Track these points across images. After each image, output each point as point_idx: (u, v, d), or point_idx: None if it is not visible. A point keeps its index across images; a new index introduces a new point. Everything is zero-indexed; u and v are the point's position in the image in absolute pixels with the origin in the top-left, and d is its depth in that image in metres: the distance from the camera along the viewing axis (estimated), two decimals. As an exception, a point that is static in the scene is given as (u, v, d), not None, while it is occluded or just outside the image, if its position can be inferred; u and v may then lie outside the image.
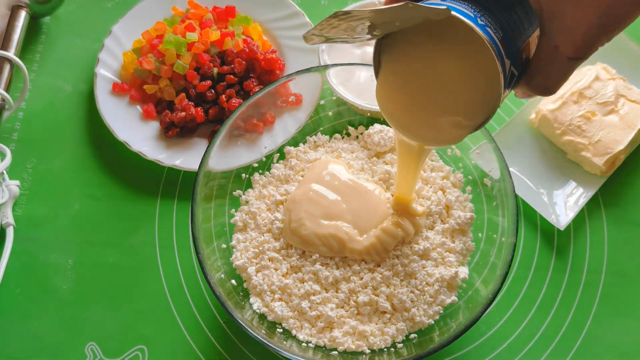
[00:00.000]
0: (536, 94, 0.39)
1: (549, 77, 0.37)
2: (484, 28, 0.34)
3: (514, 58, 0.35)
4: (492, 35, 0.34)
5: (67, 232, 0.62)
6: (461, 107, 0.39)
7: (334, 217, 0.55)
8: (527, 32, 0.36)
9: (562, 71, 0.37)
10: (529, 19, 0.36)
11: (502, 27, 0.34)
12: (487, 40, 0.33)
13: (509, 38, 0.35)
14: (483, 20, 0.34)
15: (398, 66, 0.40)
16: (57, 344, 0.57)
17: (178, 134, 0.64)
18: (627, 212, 0.63)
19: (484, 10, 0.34)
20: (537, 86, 0.38)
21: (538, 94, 0.39)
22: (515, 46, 0.35)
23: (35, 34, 0.73)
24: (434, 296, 0.53)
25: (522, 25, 0.36)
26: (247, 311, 0.53)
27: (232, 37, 0.67)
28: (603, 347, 0.58)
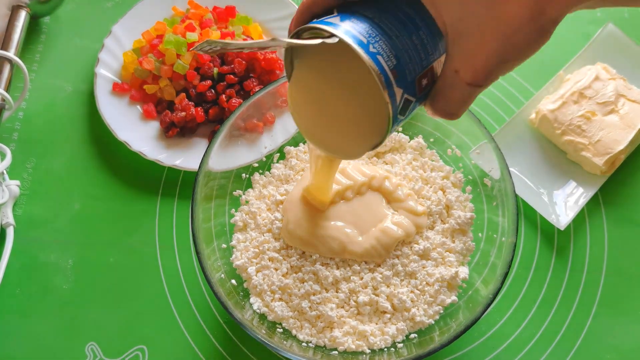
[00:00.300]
0: (439, 117, 0.38)
1: (450, 102, 0.37)
2: (374, 56, 0.33)
3: (408, 86, 0.35)
4: (382, 63, 0.33)
5: (67, 232, 0.62)
6: (356, 126, 0.39)
7: (333, 217, 0.55)
8: (431, 56, 0.36)
9: (462, 96, 0.36)
10: (434, 43, 0.35)
11: (397, 55, 0.34)
12: (374, 70, 0.33)
13: (403, 66, 0.34)
14: (376, 48, 0.33)
15: (305, 74, 0.40)
16: (57, 344, 0.57)
17: (178, 134, 0.64)
18: (627, 212, 0.63)
19: (382, 35, 0.34)
20: (439, 109, 0.37)
21: (441, 117, 0.38)
22: (412, 73, 0.35)
23: (35, 34, 0.73)
24: (434, 296, 0.53)
25: (423, 50, 0.35)
26: (247, 311, 0.53)
27: (232, 37, 0.67)
28: (603, 347, 0.58)
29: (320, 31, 0.34)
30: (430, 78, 0.36)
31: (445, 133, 0.60)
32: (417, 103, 0.37)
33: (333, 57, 0.37)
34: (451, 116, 0.38)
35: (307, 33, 0.36)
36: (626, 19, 0.73)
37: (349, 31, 0.34)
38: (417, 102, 0.37)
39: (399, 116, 0.36)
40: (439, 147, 0.61)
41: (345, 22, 0.34)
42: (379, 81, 0.33)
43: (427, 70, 0.36)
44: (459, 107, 0.37)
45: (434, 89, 0.37)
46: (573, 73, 0.66)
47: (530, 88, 0.69)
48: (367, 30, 0.34)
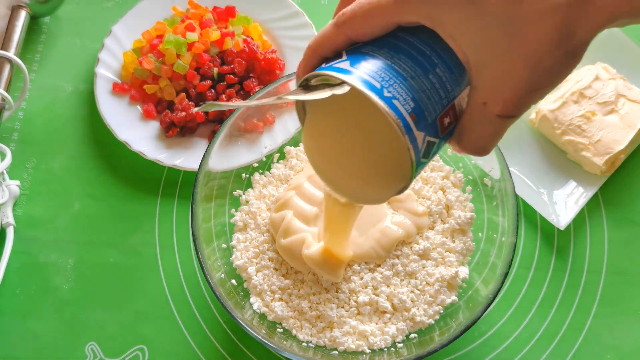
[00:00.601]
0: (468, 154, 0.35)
1: (479, 137, 0.34)
2: (389, 100, 0.31)
3: (429, 127, 0.32)
4: (399, 108, 0.31)
5: (67, 232, 0.62)
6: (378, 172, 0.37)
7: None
8: (451, 93, 0.33)
9: (492, 130, 0.33)
10: (454, 78, 0.33)
11: (415, 97, 0.32)
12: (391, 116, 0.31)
13: (422, 107, 0.32)
14: (391, 92, 0.31)
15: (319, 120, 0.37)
16: (57, 344, 0.57)
17: (178, 133, 0.64)
18: (627, 212, 0.63)
19: (396, 77, 0.32)
20: (468, 146, 0.35)
21: (470, 154, 0.35)
22: (432, 114, 0.32)
23: (35, 34, 0.73)
24: (434, 296, 0.53)
25: (443, 88, 0.33)
26: (247, 311, 0.53)
27: (232, 37, 0.67)
28: (603, 347, 0.58)
29: (330, 77, 0.32)
30: (453, 116, 0.34)
31: (445, 133, 0.60)
32: (442, 143, 0.34)
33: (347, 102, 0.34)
34: (481, 152, 0.35)
35: (316, 79, 0.33)
36: (626, 19, 0.73)
37: (360, 77, 0.31)
38: (440, 142, 0.34)
39: (423, 160, 0.33)
40: (439, 147, 0.61)
41: (356, 67, 0.32)
42: (397, 127, 0.31)
43: (449, 109, 0.33)
44: (490, 142, 0.34)
45: (460, 125, 0.34)
46: (573, 73, 0.66)
47: (530, 88, 0.69)
48: (379, 74, 0.32)
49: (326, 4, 0.75)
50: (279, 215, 0.55)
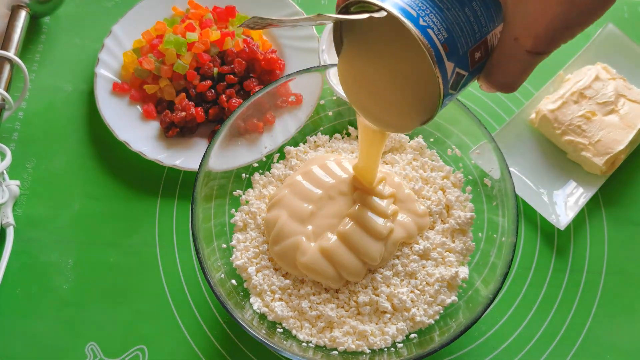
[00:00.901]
0: (496, 90, 0.37)
1: (507, 73, 0.35)
2: (424, 29, 0.33)
3: (460, 59, 0.34)
4: (433, 37, 0.33)
5: (67, 232, 0.62)
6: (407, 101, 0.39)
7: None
8: (485, 28, 0.35)
9: (521, 66, 0.35)
10: (489, 14, 0.34)
11: (448, 28, 0.33)
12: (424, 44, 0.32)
13: (455, 39, 0.33)
14: (426, 21, 0.33)
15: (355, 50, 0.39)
16: (57, 344, 0.57)
17: (178, 134, 0.64)
18: (627, 212, 0.63)
19: (432, 8, 0.33)
20: (496, 82, 0.36)
21: (498, 90, 0.37)
22: (464, 46, 0.34)
23: (35, 34, 0.73)
24: (434, 296, 0.53)
25: (477, 22, 0.34)
26: (247, 311, 0.53)
27: (232, 37, 0.67)
28: (603, 347, 0.58)
29: (368, 4, 0.34)
30: (484, 51, 0.35)
31: (445, 133, 0.60)
32: (470, 77, 0.36)
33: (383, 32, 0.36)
34: (508, 88, 0.36)
35: (355, 7, 0.35)
36: (626, 19, 0.73)
37: (397, 4, 0.33)
38: (469, 75, 0.36)
39: (451, 91, 0.35)
40: (439, 147, 0.61)
41: None
42: (429, 55, 0.33)
43: (481, 43, 0.35)
44: (518, 78, 0.35)
45: (490, 61, 0.35)
46: (573, 73, 0.66)
47: (530, 88, 0.69)
48: (416, 3, 0.33)
49: (326, 4, 0.75)
50: (271, 216, 0.55)
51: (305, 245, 0.53)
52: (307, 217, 0.54)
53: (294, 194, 0.56)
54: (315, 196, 0.55)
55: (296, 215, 0.54)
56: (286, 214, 0.55)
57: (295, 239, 0.53)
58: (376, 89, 0.40)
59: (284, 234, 0.54)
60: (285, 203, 0.55)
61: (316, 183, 0.56)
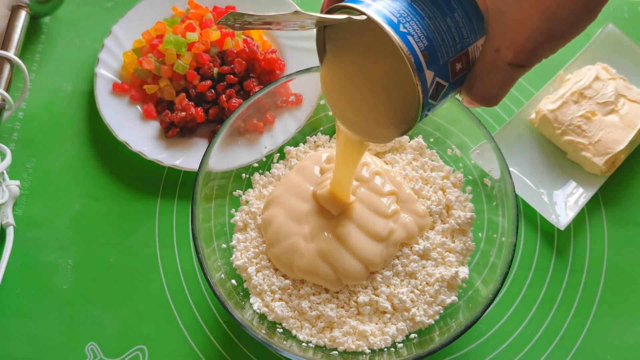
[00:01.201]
0: (477, 104, 0.36)
1: (488, 85, 0.34)
2: (404, 36, 0.32)
3: (440, 69, 0.34)
4: (413, 44, 0.32)
5: (67, 232, 0.62)
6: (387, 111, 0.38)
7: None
8: (466, 40, 0.34)
9: (502, 79, 0.34)
10: (471, 25, 0.34)
11: (429, 36, 0.33)
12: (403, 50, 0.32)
13: (435, 48, 0.33)
14: (406, 28, 0.33)
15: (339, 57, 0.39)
16: (57, 344, 0.57)
17: (178, 134, 0.64)
18: (627, 212, 0.63)
19: (413, 16, 0.33)
20: (476, 94, 0.35)
21: (478, 104, 0.36)
22: (444, 56, 0.34)
23: (35, 34, 0.73)
24: (434, 296, 0.53)
25: (458, 33, 0.34)
26: (247, 311, 0.53)
27: (232, 37, 0.67)
28: (603, 347, 0.58)
29: (351, 10, 0.34)
30: (465, 63, 0.35)
31: (445, 133, 0.60)
32: (451, 89, 0.36)
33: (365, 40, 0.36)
34: (489, 102, 0.35)
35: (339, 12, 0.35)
36: (626, 19, 0.73)
37: (379, 10, 0.33)
38: (450, 87, 0.35)
39: (430, 101, 0.35)
40: (439, 147, 0.61)
41: (376, 1, 0.33)
42: (408, 62, 0.33)
43: (462, 54, 0.34)
44: (499, 91, 0.35)
45: (471, 73, 0.35)
46: (573, 73, 0.66)
47: (530, 88, 0.69)
48: (398, 10, 0.33)
49: (326, 4, 0.74)
50: (267, 216, 0.55)
51: (303, 248, 0.53)
52: (303, 215, 0.54)
53: (289, 191, 0.56)
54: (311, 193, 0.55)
55: (292, 214, 0.55)
56: (282, 214, 0.55)
57: (292, 241, 0.53)
58: (357, 97, 0.40)
59: (280, 235, 0.54)
60: (281, 201, 0.55)
61: (312, 180, 0.56)
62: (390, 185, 0.56)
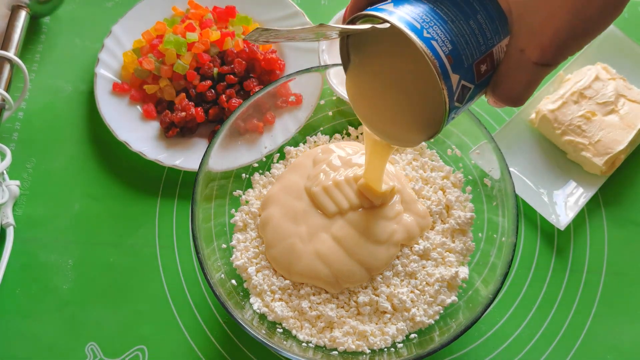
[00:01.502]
0: (503, 104, 0.36)
1: (514, 85, 0.35)
2: (428, 41, 0.33)
3: (465, 72, 0.34)
4: (437, 48, 0.33)
5: (67, 232, 0.62)
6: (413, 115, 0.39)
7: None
8: (490, 41, 0.35)
9: (528, 78, 0.34)
10: (494, 26, 0.34)
11: (453, 40, 0.33)
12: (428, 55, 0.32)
13: (459, 51, 0.33)
14: (430, 33, 0.33)
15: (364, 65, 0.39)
16: (57, 344, 0.57)
17: (178, 134, 0.64)
18: (627, 212, 0.63)
19: (436, 20, 0.33)
20: (502, 95, 0.35)
21: (505, 104, 0.36)
22: (469, 59, 0.34)
23: (35, 34, 0.73)
24: (434, 296, 0.53)
25: (482, 35, 0.34)
26: (247, 311, 0.53)
27: (232, 37, 0.67)
28: (603, 347, 0.58)
29: (373, 18, 0.34)
30: (490, 64, 0.35)
31: (445, 133, 0.60)
32: (477, 90, 0.36)
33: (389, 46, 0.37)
34: (515, 102, 0.35)
35: (361, 21, 0.35)
36: (626, 19, 0.73)
37: (402, 17, 0.33)
38: (476, 89, 0.35)
39: (457, 104, 0.35)
40: (439, 147, 0.61)
41: (398, 8, 0.34)
42: (433, 67, 0.33)
43: (486, 56, 0.35)
44: (524, 91, 0.35)
45: (496, 74, 0.35)
46: (573, 73, 0.66)
47: (530, 88, 0.69)
48: (420, 16, 0.33)
49: (326, 4, 0.75)
50: (264, 217, 0.55)
51: (300, 251, 0.53)
52: (300, 215, 0.55)
53: (285, 190, 0.56)
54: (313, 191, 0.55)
55: (288, 214, 0.55)
56: (278, 214, 0.55)
57: (289, 243, 0.53)
58: (383, 103, 0.40)
59: (278, 236, 0.54)
60: (277, 201, 0.55)
61: (308, 177, 0.56)
62: (387, 183, 0.55)
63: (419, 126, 0.38)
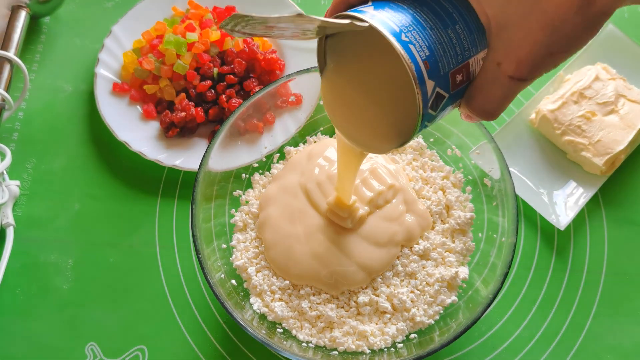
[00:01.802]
0: (476, 117, 0.36)
1: (489, 98, 0.35)
2: (406, 45, 0.33)
3: (441, 79, 0.34)
4: (414, 52, 0.33)
5: (67, 232, 0.62)
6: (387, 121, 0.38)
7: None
8: (467, 52, 0.35)
9: (503, 92, 0.34)
10: (472, 38, 0.35)
11: (430, 46, 0.33)
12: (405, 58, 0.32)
13: (436, 58, 0.33)
14: (408, 37, 0.33)
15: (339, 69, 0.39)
16: (57, 344, 0.57)
17: (178, 134, 0.64)
18: (627, 212, 0.63)
19: (415, 25, 0.33)
20: (476, 107, 0.35)
21: (478, 117, 0.36)
22: (445, 67, 0.34)
23: (35, 34, 0.73)
24: (434, 296, 0.53)
25: (459, 45, 0.34)
26: (247, 311, 0.53)
27: (232, 37, 0.67)
28: (603, 347, 0.58)
29: (354, 19, 0.34)
30: (466, 75, 0.35)
31: (445, 133, 0.60)
32: (450, 101, 0.36)
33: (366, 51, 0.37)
34: (488, 115, 0.36)
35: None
36: (626, 19, 0.73)
37: (382, 20, 0.33)
38: (449, 99, 0.35)
39: (430, 111, 0.35)
40: (439, 147, 0.61)
41: (378, 11, 0.34)
42: (409, 70, 0.33)
43: (463, 66, 0.35)
44: (498, 105, 0.35)
45: (472, 86, 0.35)
46: (573, 73, 0.66)
47: (530, 88, 0.69)
48: (400, 20, 0.33)
49: (326, 4, 0.75)
50: (261, 218, 0.55)
51: (298, 253, 0.53)
52: (297, 215, 0.54)
53: (282, 190, 0.56)
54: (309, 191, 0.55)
55: (285, 214, 0.55)
56: (276, 214, 0.55)
57: (287, 245, 0.53)
58: (357, 108, 0.40)
59: (276, 237, 0.54)
60: (274, 201, 0.55)
61: (304, 175, 0.56)
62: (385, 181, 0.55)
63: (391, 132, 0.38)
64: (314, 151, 0.57)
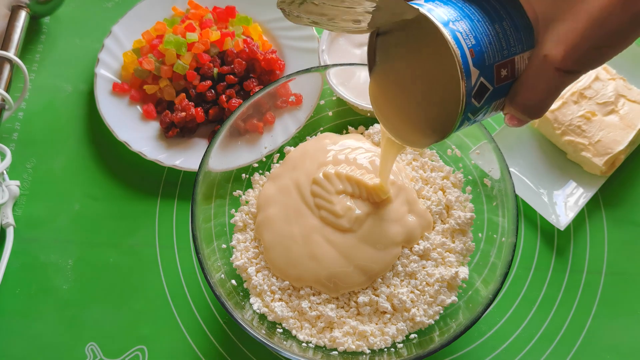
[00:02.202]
0: (522, 116, 0.36)
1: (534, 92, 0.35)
2: (453, 32, 0.33)
3: (486, 69, 0.34)
4: (461, 40, 0.33)
5: (67, 232, 0.62)
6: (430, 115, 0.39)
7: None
8: (514, 48, 0.35)
9: (549, 85, 0.34)
10: (518, 35, 0.35)
11: (477, 37, 0.34)
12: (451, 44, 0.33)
13: (482, 48, 0.34)
14: (455, 26, 0.34)
15: (387, 66, 0.40)
16: (57, 344, 0.57)
17: (178, 134, 0.64)
18: (627, 212, 0.63)
19: (463, 17, 0.34)
20: (520, 104, 0.35)
21: (523, 115, 0.36)
22: (490, 59, 0.34)
23: (35, 34, 0.73)
24: (434, 296, 0.53)
25: (505, 40, 0.35)
26: (247, 311, 0.53)
27: (232, 37, 0.67)
28: (603, 347, 0.58)
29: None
30: (511, 71, 0.35)
31: (445, 133, 0.60)
32: (494, 96, 0.36)
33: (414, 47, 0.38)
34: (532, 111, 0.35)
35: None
36: (626, 19, 0.73)
37: (431, 9, 0.34)
38: (493, 92, 0.35)
39: (474, 101, 0.35)
40: (439, 147, 0.61)
41: (429, 3, 0.35)
42: (455, 56, 0.33)
43: (508, 61, 0.35)
44: (544, 99, 0.35)
45: (517, 82, 0.35)
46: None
47: (530, 88, 0.69)
48: (449, 11, 0.34)
49: (326, 4, 0.74)
50: (260, 219, 0.55)
51: (296, 255, 0.53)
52: (294, 215, 0.54)
53: (279, 190, 0.56)
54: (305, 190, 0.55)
55: (286, 212, 0.54)
56: (273, 215, 0.54)
57: (285, 246, 0.53)
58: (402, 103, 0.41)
59: (275, 238, 0.54)
60: (274, 201, 0.55)
61: (302, 173, 0.56)
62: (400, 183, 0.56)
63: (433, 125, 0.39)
64: (309, 148, 0.57)
